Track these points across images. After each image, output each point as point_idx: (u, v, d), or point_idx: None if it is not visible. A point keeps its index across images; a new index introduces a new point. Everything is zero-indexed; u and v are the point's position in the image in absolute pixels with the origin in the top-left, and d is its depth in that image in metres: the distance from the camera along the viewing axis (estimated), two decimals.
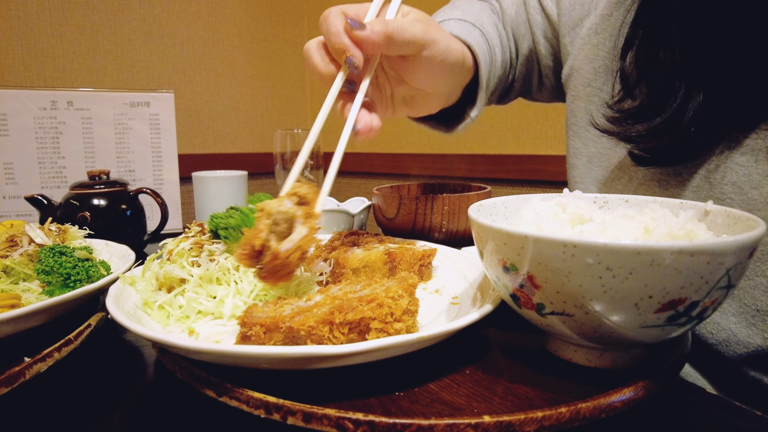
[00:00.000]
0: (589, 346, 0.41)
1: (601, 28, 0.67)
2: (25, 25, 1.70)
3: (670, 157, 0.57)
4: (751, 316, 0.53)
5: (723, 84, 0.51)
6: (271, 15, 2.32)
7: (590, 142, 0.70)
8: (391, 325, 0.41)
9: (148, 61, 1.96)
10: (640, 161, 0.59)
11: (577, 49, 0.71)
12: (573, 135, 0.73)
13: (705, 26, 0.51)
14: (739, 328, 0.54)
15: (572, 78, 0.72)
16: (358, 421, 0.32)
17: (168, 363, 0.41)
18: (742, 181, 0.52)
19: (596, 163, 0.69)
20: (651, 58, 0.55)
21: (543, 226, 0.42)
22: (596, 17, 0.68)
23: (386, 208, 0.84)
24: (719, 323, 0.56)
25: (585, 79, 0.70)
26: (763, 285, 0.52)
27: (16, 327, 0.47)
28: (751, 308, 0.53)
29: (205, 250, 0.57)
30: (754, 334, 0.53)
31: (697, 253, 0.31)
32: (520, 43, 0.79)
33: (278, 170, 1.09)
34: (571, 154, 0.74)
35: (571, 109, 0.74)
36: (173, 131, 1.23)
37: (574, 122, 0.73)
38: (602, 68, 0.67)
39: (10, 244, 0.63)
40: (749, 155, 0.52)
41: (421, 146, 2.11)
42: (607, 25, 0.67)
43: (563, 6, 0.73)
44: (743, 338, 0.54)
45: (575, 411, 0.33)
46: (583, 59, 0.70)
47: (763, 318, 0.52)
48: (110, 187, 0.94)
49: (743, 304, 0.54)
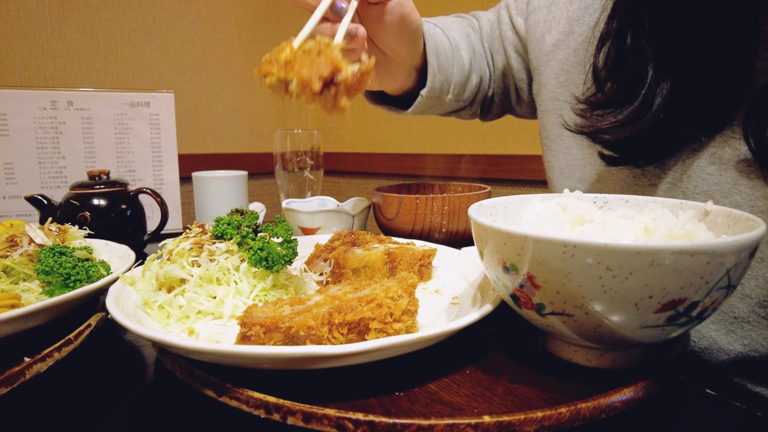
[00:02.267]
0: (589, 346, 0.41)
1: (564, 44, 0.71)
2: (25, 25, 1.70)
3: (639, 155, 0.58)
4: (729, 323, 0.54)
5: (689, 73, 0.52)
6: (271, 15, 2.32)
7: (560, 155, 0.73)
8: (390, 325, 0.41)
9: (148, 61, 1.96)
10: (610, 161, 0.60)
11: (543, 65, 0.74)
12: (546, 149, 0.77)
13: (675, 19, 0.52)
14: (719, 335, 0.55)
15: (540, 93, 0.76)
16: (358, 421, 0.32)
17: (168, 363, 0.41)
18: (713, 190, 0.54)
19: (568, 175, 0.71)
20: (623, 50, 0.56)
21: (543, 227, 0.42)
22: (558, 33, 0.72)
23: (386, 208, 0.84)
24: (700, 331, 0.57)
25: (552, 94, 0.73)
26: (738, 292, 0.52)
27: (16, 327, 0.47)
28: (729, 315, 0.54)
29: (205, 250, 0.57)
30: (733, 341, 0.54)
31: (697, 254, 0.31)
32: (495, 57, 0.84)
33: (278, 170, 1.09)
34: (547, 167, 0.78)
35: (542, 123, 0.77)
36: (173, 131, 1.23)
37: (546, 136, 0.76)
38: (567, 82, 0.70)
39: (10, 244, 0.63)
40: (717, 164, 0.53)
41: (421, 146, 2.11)
42: (569, 40, 0.70)
43: (529, 24, 0.77)
44: (724, 345, 0.55)
45: (575, 411, 0.33)
46: (549, 74, 0.73)
47: (741, 325, 0.53)
48: (110, 187, 0.94)
49: (721, 311, 0.54)
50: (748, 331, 0.53)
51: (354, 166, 2.37)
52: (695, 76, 0.51)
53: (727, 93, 0.52)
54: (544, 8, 0.75)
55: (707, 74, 0.51)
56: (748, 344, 0.53)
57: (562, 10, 0.72)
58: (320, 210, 0.88)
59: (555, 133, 0.73)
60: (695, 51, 0.51)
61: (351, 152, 2.37)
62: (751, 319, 0.52)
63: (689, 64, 0.52)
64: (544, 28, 0.74)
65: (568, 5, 0.71)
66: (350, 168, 2.38)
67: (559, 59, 0.71)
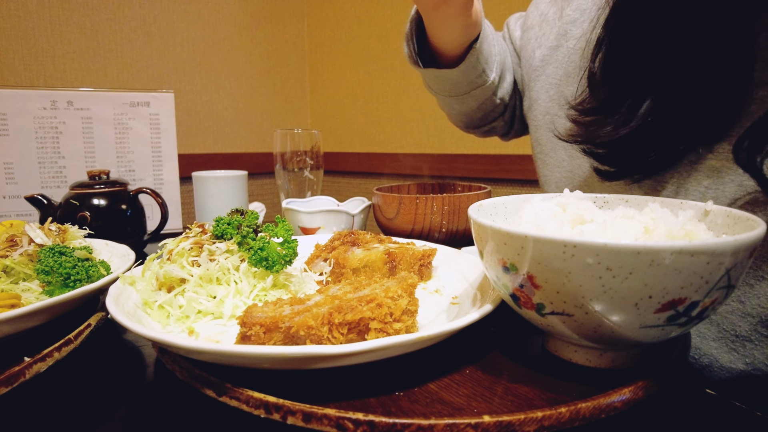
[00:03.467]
0: (589, 346, 0.41)
1: (552, 58, 0.72)
2: (25, 25, 1.70)
3: (635, 168, 0.57)
4: (731, 341, 0.53)
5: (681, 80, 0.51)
6: (271, 15, 2.32)
7: (555, 168, 0.73)
8: (390, 325, 0.41)
9: (148, 61, 1.96)
10: (606, 176, 0.59)
11: (533, 81, 0.76)
12: (540, 164, 0.77)
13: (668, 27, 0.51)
14: (720, 353, 0.54)
15: (532, 109, 0.77)
16: (358, 421, 0.32)
17: (168, 363, 0.41)
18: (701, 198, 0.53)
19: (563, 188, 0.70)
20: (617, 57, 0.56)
21: (543, 226, 0.42)
22: (546, 49, 0.73)
23: (386, 208, 0.84)
24: (701, 348, 0.56)
25: (543, 108, 0.74)
26: (740, 310, 0.52)
27: (16, 327, 0.47)
28: (731, 333, 0.53)
29: (205, 250, 0.57)
30: (735, 360, 0.53)
31: (696, 253, 0.31)
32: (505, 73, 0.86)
33: (278, 170, 1.09)
34: (542, 182, 0.79)
35: (535, 138, 0.78)
36: (173, 131, 1.23)
37: (540, 150, 0.77)
38: (557, 95, 0.71)
39: (10, 244, 0.63)
40: (714, 178, 0.52)
41: (421, 146, 2.11)
42: (557, 54, 0.71)
43: (524, 40, 0.79)
44: (725, 363, 0.54)
45: (575, 411, 0.33)
46: (539, 89, 0.75)
47: (743, 343, 0.52)
48: (110, 187, 0.94)
49: (722, 329, 0.53)
50: (751, 350, 0.52)
51: (354, 166, 2.37)
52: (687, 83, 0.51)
53: (722, 102, 0.51)
54: (536, 26, 0.77)
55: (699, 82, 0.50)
56: (750, 363, 0.52)
57: (551, 25, 0.73)
58: (320, 210, 0.88)
59: (549, 147, 0.74)
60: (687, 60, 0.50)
61: (351, 152, 2.37)
62: (754, 338, 0.51)
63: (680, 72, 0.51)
64: (535, 44, 0.76)
65: (557, 21, 0.73)
66: (350, 168, 2.38)
67: (548, 74, 0.73)
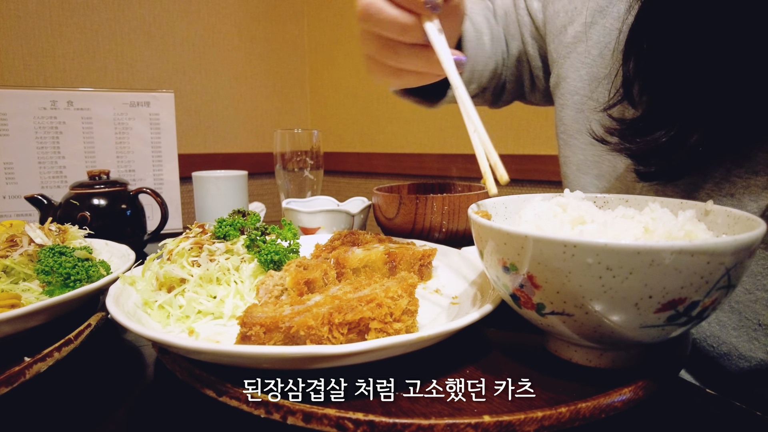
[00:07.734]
0: (589, 346, 0.41)
1: (585, 36, 0.67)
2: (25, 25, 1.70)
3: (676, 173, 0.54)
4: (752, 330, 0.52)
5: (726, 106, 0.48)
6: (271, 15, 2.32)
7: (578, 150, 0.69)
8: (390, 325, 0.41)
9: (148, 61, 1.96)
10: (644, 177, 0.57)
11: (562, 58, 0.70)
12: (563, 144, 0.73)
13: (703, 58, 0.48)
14: (740, 342, 0.54)
15: (560, 86, 0.72)
16: (358, 421, 0.32)
17: (168, 363, 0.41)
18: (740, 194, 0.51)
19: (585, 171, 0.69)
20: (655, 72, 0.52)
21: (543, 226, 0.42)
22: (579, 25, 0.67)
23: (386, 208, 0.84)
24: (719, 337, 0.55)
25: (572, 88, 0.69)
26: (765, 299, 0.51)
27: (16, 327, 0.47)
28: (753, 322, 0.52)
29: (205, 250, 0.57)
30: (756, 348, 0.52)
31: (696, 253, 0.31)
32: (510, 42, 0.80)
33: (278, 170, 1.09)
34: (562, 162, 0.74)
35: (559, 117, 0.73)
36: (173, 131, 1.23)
37: (563, 130, 0.72)
38: (588, 76, 0.67)
39: (10, 244, 0.63)
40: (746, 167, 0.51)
41: (421, 146, 2.11)
42: (591, 33, 0.66)
43: (548, 13, 0.73)
44: (745, 352, 0.53)
45: (575, 411, 0.33)
46: (569, 68, 0.69)
47: (765, 332, 0.51)
48: (110, 187, 0.94)
49: (744, 317, 0.53)
50: None
51: (354, 166, 2.37)
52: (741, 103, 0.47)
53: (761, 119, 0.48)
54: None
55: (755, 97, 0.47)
56: None
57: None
58: (320, 210, 0.88)
59: (574, 128, 0.69)
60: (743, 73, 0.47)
61: (351, 152, 2.37)
62: None
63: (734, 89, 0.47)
64: (565, 19, 0.70)
65: None
66: (350, 168, 2.38)
67: (580, 52, 0.67)
